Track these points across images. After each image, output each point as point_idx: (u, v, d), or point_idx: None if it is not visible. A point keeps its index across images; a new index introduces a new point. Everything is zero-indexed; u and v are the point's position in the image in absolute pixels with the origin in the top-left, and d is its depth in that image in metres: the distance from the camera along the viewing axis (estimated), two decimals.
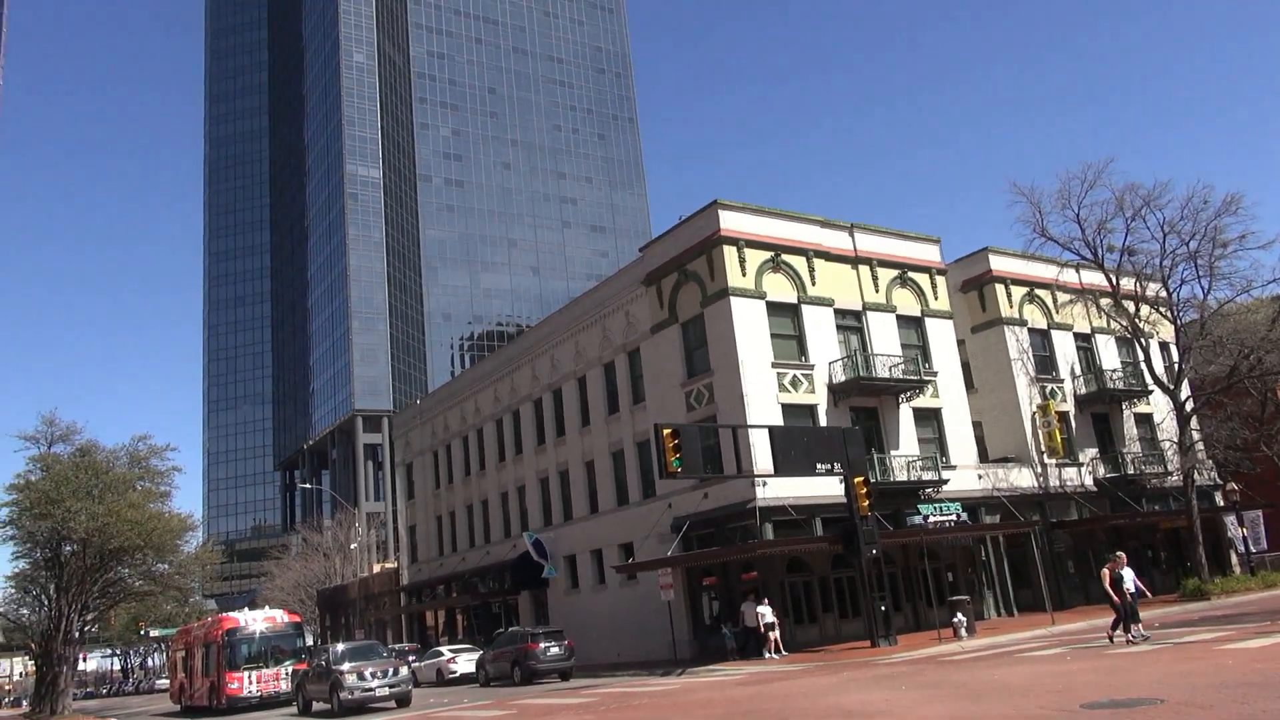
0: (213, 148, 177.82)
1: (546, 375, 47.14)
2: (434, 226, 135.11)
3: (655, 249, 39.80)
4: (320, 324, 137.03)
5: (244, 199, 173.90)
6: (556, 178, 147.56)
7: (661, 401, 38.02)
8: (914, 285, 40.68)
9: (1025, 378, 43.72)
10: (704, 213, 36.65)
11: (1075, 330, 46.77)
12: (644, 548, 37.85)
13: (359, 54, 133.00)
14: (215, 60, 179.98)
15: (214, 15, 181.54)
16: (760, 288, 35.82)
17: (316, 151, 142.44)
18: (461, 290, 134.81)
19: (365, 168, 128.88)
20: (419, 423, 61.46)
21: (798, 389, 35.45)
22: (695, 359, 36.87)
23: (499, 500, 51.15)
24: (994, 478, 40.37)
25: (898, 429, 37.56)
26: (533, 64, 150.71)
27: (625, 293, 41.29)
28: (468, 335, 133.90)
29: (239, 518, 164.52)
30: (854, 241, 39.41)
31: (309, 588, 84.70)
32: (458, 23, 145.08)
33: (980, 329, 44.96)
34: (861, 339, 38.08)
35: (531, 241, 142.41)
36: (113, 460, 61.01)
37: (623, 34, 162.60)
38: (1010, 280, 45.20)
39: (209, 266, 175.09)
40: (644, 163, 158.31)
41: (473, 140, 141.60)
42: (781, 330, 36.11)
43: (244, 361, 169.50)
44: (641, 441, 39.34)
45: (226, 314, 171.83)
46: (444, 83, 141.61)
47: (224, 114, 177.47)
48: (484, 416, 52.99)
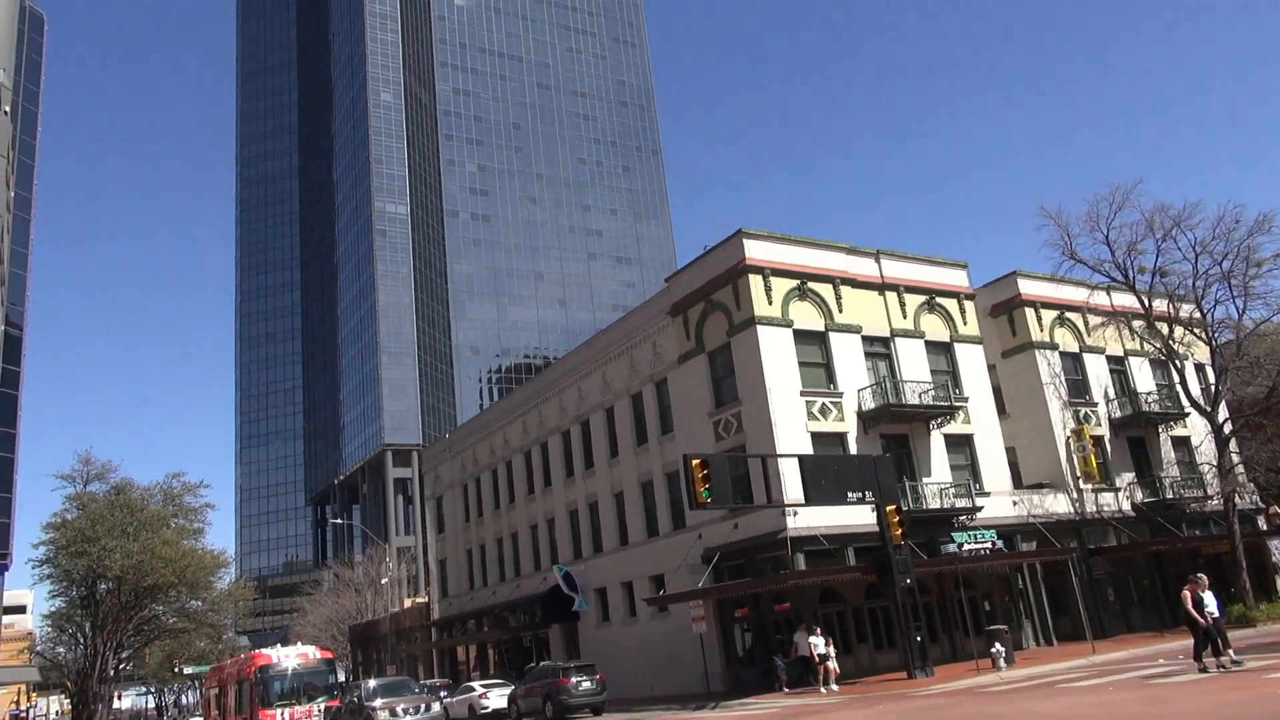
0: (244, 188, 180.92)
1: (574, 407, 47.16)
2: (461, 261, 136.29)
3: (681, 279, 39.86)
4: (350, 359, 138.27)
5: (275, 237, 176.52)
6: (581, 210, 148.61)
7: (690, 431, 37.89)
8: (942, 311, 40.40)
9: (1058, 402, 43.15)
10: (729, 242, 36.69)
11: (1108, 353, 46.18)
12: (675, 579, 37.57)
13: (386, 93, 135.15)
14: (246, 103, 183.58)
15: (245, 59, 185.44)
16: (787, 316, 35.72)
17: (345, 189, 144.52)
18: (489, 323, 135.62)
19: (393, 204, 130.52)
20: (448, 456, 61.64)
21: (827, 417, 35.21)
22: (723, 388, 36.75)
23: (528, 533, 51.06)
24: (1029, 504, 39.76)
25: (929, 456, 37.15)
26: (557, 99, 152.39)
27: (651, 323, 41.32)
28: (495, 368, 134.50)
29: (271, 553, 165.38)
30: (880, 268, 39.26)
31: (341, 623, 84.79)
32: (482, 60, 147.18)
33: (1011, 353, 44.52)
34: (890, 366, 37.80)
35: (558, 274, 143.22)
36: (147, 498, 61.85)
37: (645, 67, 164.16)
38: (1040, 304, 44.78)
39: (241, 305, 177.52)
40: (668, 193, 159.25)
41: (498, 175, 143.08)
42: (809, 358, 35.93)
43: (275, 398, 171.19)
44: (670, 472, 39.18)
45: (258, 351, 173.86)
46: (469, 119, 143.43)
47: (255, 155, 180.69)
48: (512, 449, 53.05)
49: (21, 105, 65.56)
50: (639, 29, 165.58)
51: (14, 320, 61.74)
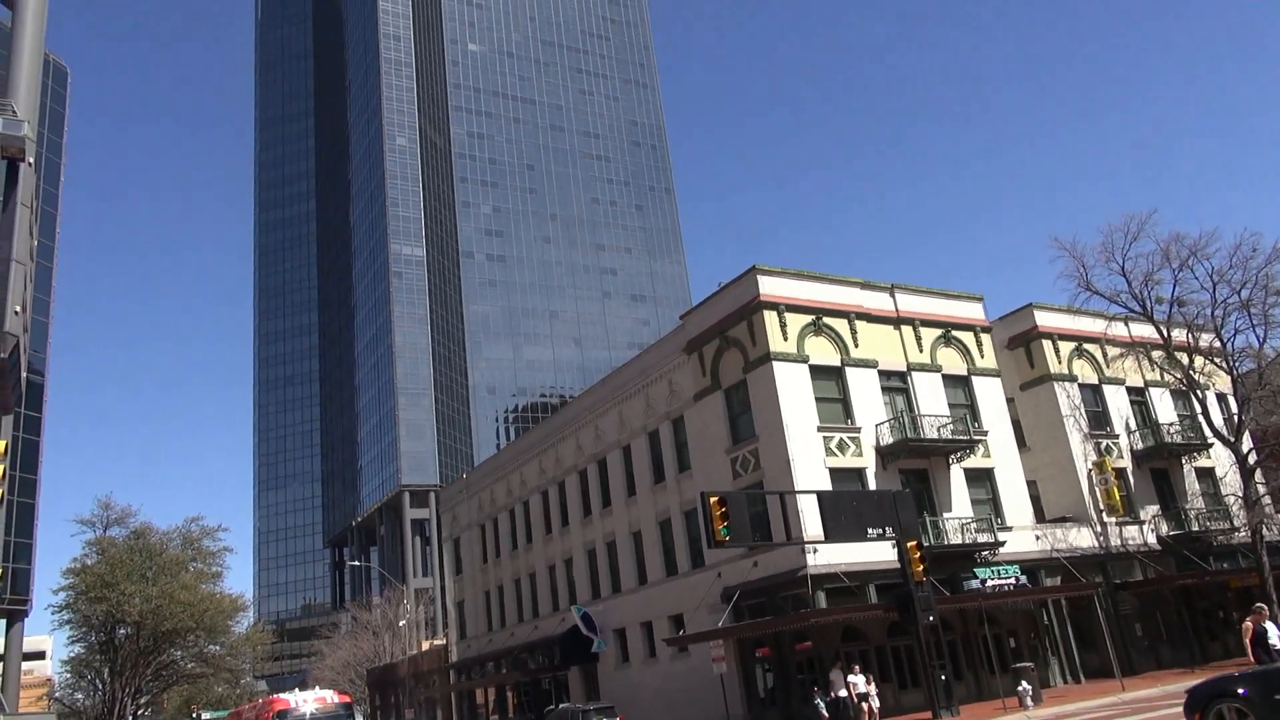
0: (263, 233, 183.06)
1: (591, 446, 47.07)
2: (477, 301, 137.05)
3: (696, 316, 39.91)
4: (367, 401, 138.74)
5: (293, 281, 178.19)
6: (596, 249, 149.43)
7: (707, 469, 37.71)
8: (959, 344, 40.24)
9: (1079, 434, 42.74)
10: (743, 279, 36.76)
11: (1128, 384, 45.81)
12: (694, 619, 37.19)
13: (401, 138, 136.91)
14: (264, 150, 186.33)
15: (263, 107, 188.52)
16: (803, 351, 35.66)
17: (362, 232, 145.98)
18: (505, 363, 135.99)
19: (409, 246, 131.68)
20: (465, 497, 61.53)
21: (845, 452, 34.98)
22: (740, 425, 36.62)
23: (546, 573, 50.75)
24: (1052, 538, 39.26)
25: (949, 490, 36.80)
26: (570, 140, 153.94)
27: (667, 361, 41.32)
28: (512, 408, 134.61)
29: (289, 596, 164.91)
30: (895, 302, 39.20)
31: (359, 667, 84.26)
32: (496, 104, 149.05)
33: (1029, 386, 44.22)
34: (908, 400, 37.60)
35: (573, 313, 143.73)
36: (166, 542, 62.02)
37: (657, 107, 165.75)
38: (1057, 336, 44.54)
39: (259, 348, 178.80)
40: (682, 231, 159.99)
41: (513, 216, 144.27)
42: (826, 393, 35.80)
43: (293, 440, 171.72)
44: (688, 510, 38.95)
45: (276, 394, 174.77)
46: (484, 161, 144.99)
47: (273, 201, 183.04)
48: (529, 489, 52.91)
49: (45, 156, 66.80)
50: (650, 70, 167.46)
51: (36, 367, 62.39)
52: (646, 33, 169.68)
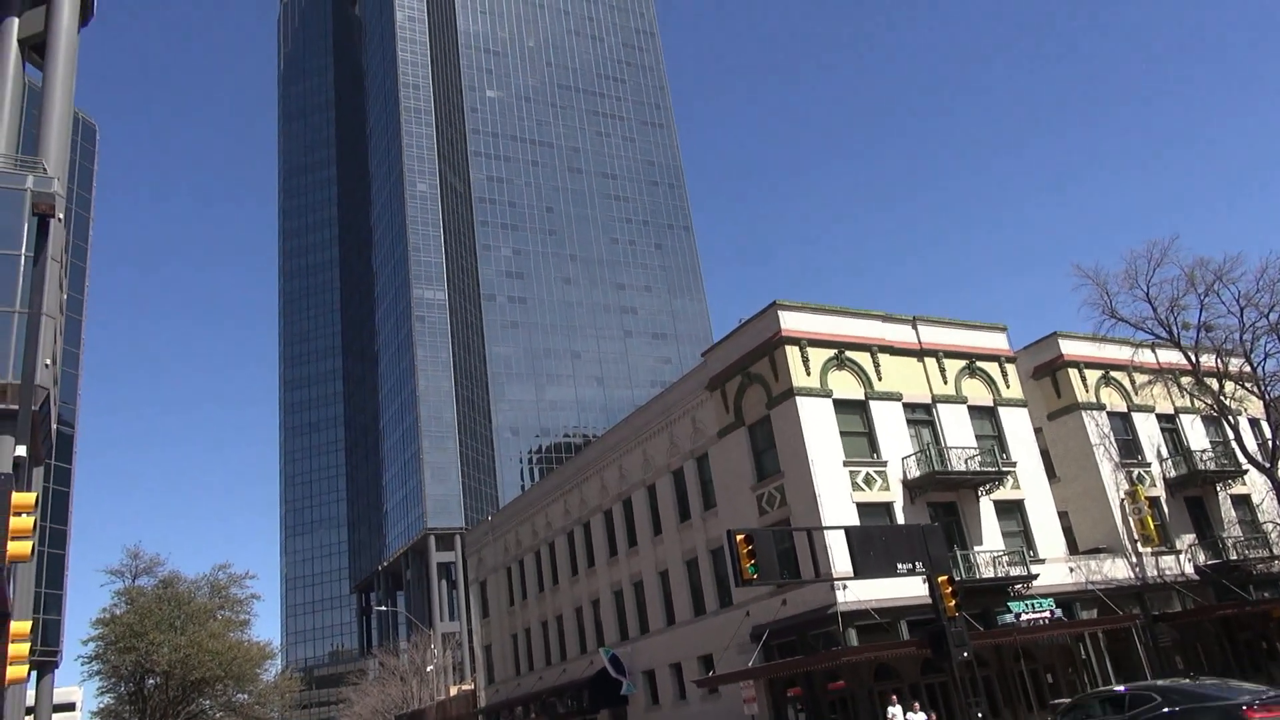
0: (287, 281, 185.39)
1: (615, 485, 46.90)
2: (499, 343, 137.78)
3: (717, 353, 39.89)
4: (391, 445, 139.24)
5: (317, 327, 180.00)
6: (616, 288, 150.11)
7: (733, 506, 37.45)
8: (983, 375, 39.94)
9: (1109, 463, 42.14)
10: (764, 314, 36.75)
11: (1158, 411, 45.20)
12: (724, 659, 36.73)
13: (422, 184, 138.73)
14: (288, 199, 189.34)
15: (286, 157, 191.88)
16: (826, 386, 35.50)
17: (384, 278, 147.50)
18: (528, 404, 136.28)
19: (431, 291, 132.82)
20: (490, 539, 61.37)
21: (872, 487, 34.66)
22: (765, 461, 36.40)
23: (573, 615, 50.37)
24: (1087, 570, 38.57)
25: (979, 523, 36.31)
26: (588, 181, 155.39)
27: (690, 398, 41.24)
28: (536, 449, 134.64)
29: (317, 643, 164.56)
30: (918, 334, 39.02)
31: (387, 713, 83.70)
32: (514, 148, 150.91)
33: (1057, 415, 43.73)
34: (934, 432, 37.27)
35: (594, 352, 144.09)
36: (194, 591, 62.17)
37: (673, 146, 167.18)
38: (1083, 364, 44.10)
39: (284, 395, 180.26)
40: (702, 268, 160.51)
41: (533, 258, 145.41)
42: (850, 427, 35.56)
43: (319, 486, 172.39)
44: (715, 548, 38.64)
45: (302, 440, 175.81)
46: (503, 205, 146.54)
47: (297, 248, 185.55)
48: (555, 530, 52.72)
49: (74, 211, 68.14)
50: (666, 111, 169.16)
51: (65, 418, 63.12)
52: (661, 75, 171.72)
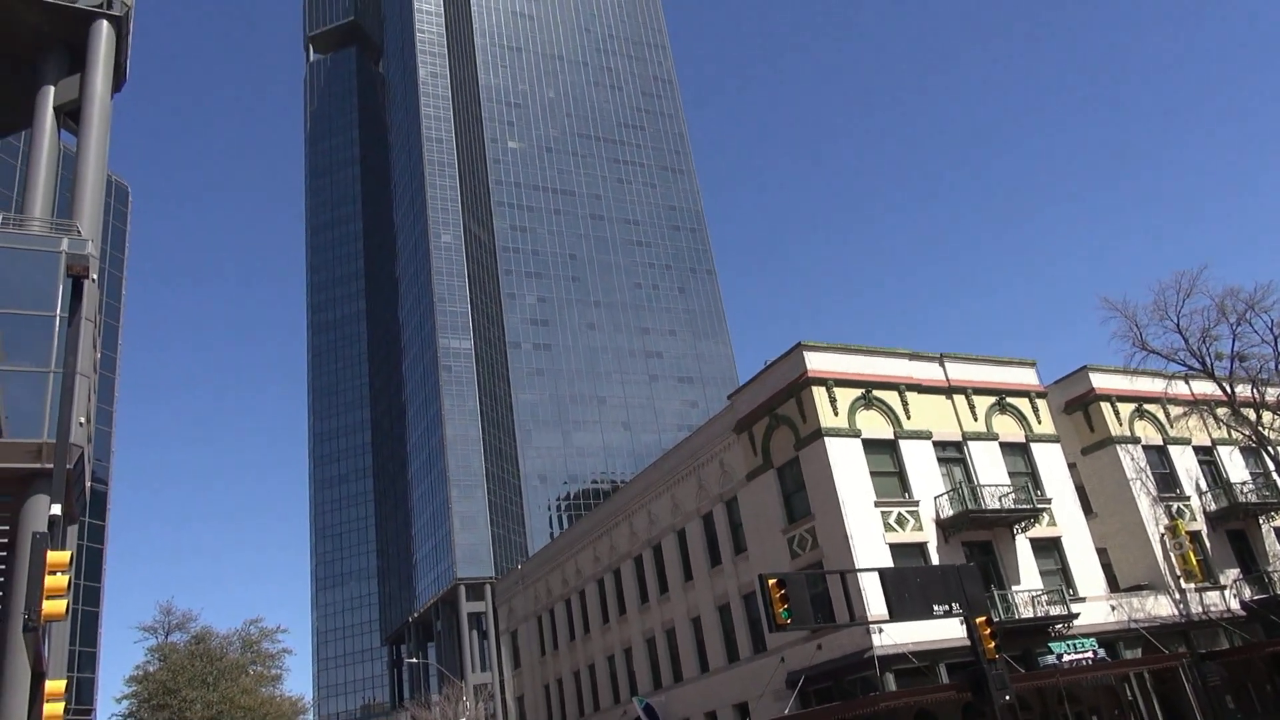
0: (315, 334, 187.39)
1: (645, 531, 46.58)
2: (525, 390, 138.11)
3: (744, 395, 39.74)
4: (420, 495, 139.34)
5: (345, 379, 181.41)
6: (641, 333, 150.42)
7: (763, 550, 37.04)
8: (1014, 411, 39.49)
9: (1147, 498, 41.36)
10: (789, 356, 36.64)
11: (1194, 444, 44.42)
12: (759, 707, 36.09)
13: (446, 235, 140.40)
14: (315, 254, 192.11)
15: (313, 212, 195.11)
16: (854, 426, 35.22)
17: (411, 328, 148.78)
18: (555, 451, 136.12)
19: (457, 340, 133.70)
20: (520, 588, 60.99)
21: (904, 527, 34.19)
22: (794, 503, 36.05)
23: (606, 664, 49.77)
24: (1129, 608, 37.69)
25: (1016, 562, 35.67)
26: (610, 228, 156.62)
27: (717, 441, 41.04)
28: (564, 495, 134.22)
29: (348, 697, 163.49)
30: (945, 371, 38.73)
31: None
32: (537, 197, 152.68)
33: (1091, 450, 43.07)
34: (966, 470, 36.81)
35: (620, 397, 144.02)
36: (226, 646, 62.15)
37: (694, 191, 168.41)
38: (1116, 397, 43.52)
39: (313, 447, 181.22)
40: (725, 311, 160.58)
41: (557, 305, 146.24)
42: (881, 467, 35.20)
43: (349, 538, 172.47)
44: (747, 593, 38.17)
45: (331, 492, 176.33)
46: (527, 253, 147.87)
47: (325, 302, 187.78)
48: (585, 577, 52.33)
49: (107, 270, 69.52)
50: (686, 156, 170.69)
51: (99, 475, 63.79)
52: (680, 122, 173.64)
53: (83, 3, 35.68)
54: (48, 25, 35.79)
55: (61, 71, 36.08)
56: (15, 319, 28.88)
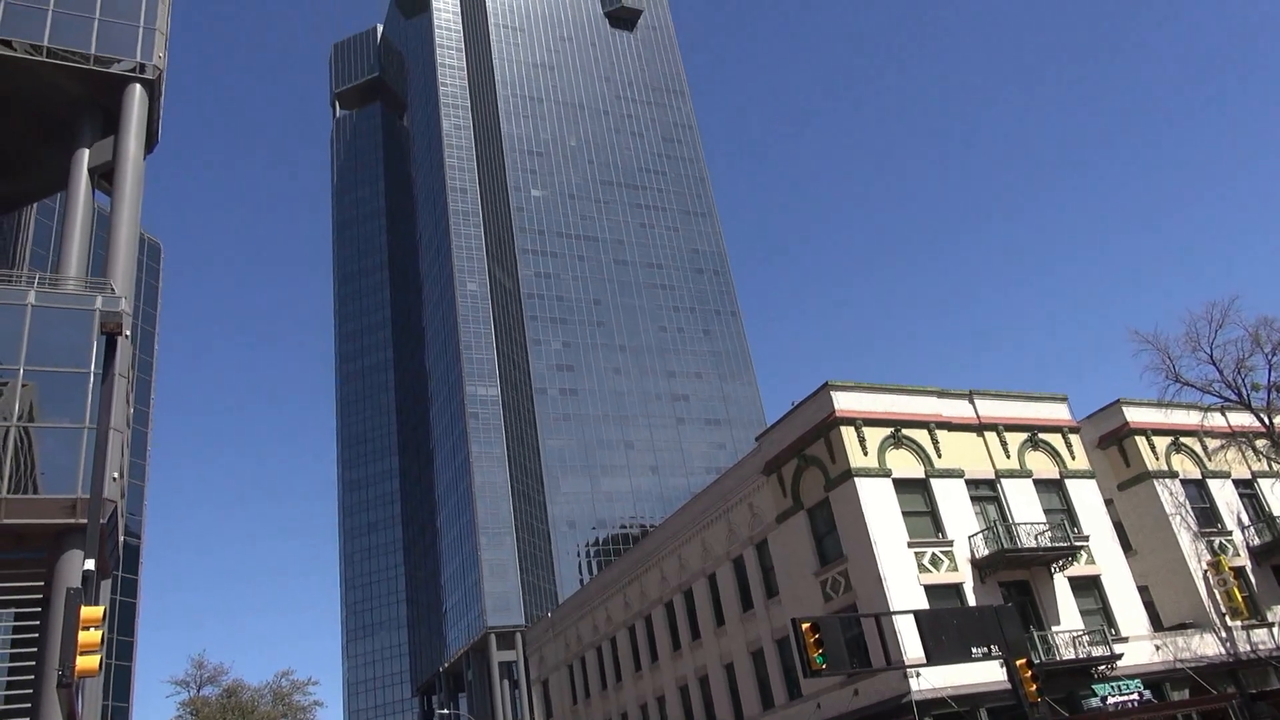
0: (344, 384, 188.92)
1: (675, 576, 46.14)
2: (552, 436, 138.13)
3: (772, 437, 39.49)
4: (449, 543, 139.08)
5: (373, 428, 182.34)
6: (666, 376, 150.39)
7: (796, 593, 36.55)
8: (1047, 447, 38.96)
9: (1188, 533, 40.49)
10: (817, 396, 36.44)
11: (1234, 476, 43.54)
12: None
13: (472, 283, 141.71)
14: (343, 304, 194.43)
15: (340, 264, 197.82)
16: (884, 465, 34.86)
17: (438, 376, 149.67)
18: (583, 496, 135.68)
19: (484, 387, 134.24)
20: (551, 636, 60.47)
21: (939, 567, 33.64)
22: (826, 545, 35.62)
23: (639, 713, 49.04)
24: (1174, 648, 36.73)
25: (1055, 602, 34.95)
26: (634, 272, 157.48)
27: (746, 484, 40.73)
28: (593, 541, 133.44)
29: None
30: (975, 409, 38.34)
31: None
32: (560, 243, 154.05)
33: (1128, 485, 42.32)
34: (1000, 508, 36.27)
35: (648, 441, 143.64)
36: (258, 699, 61.99)
37: (717, 234, 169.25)
38: (1151, 431, 42.84)
39: (343, 497, 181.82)
40: (751, 352, 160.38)
41: (583, 350, 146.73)
42: (913, 507, 34.75)
43: (379, 587, 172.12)
44: (780, 638, 37.60)
45: (360, 541, 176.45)
46: (552, 299, 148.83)
47: (353, 351, 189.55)
48: (615, 624, 51.81)
49: (140, 326, 70.66)
50: (707, 199, 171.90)
51: (132, 529, 64.26)
52: (701, 165, 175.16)
53: (117, 68, 36.73)
54: (84, 91, 36.87)
55: (96, 134, 37.06)
56: (51, 377, 29.36)
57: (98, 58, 36.23)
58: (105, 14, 37.01)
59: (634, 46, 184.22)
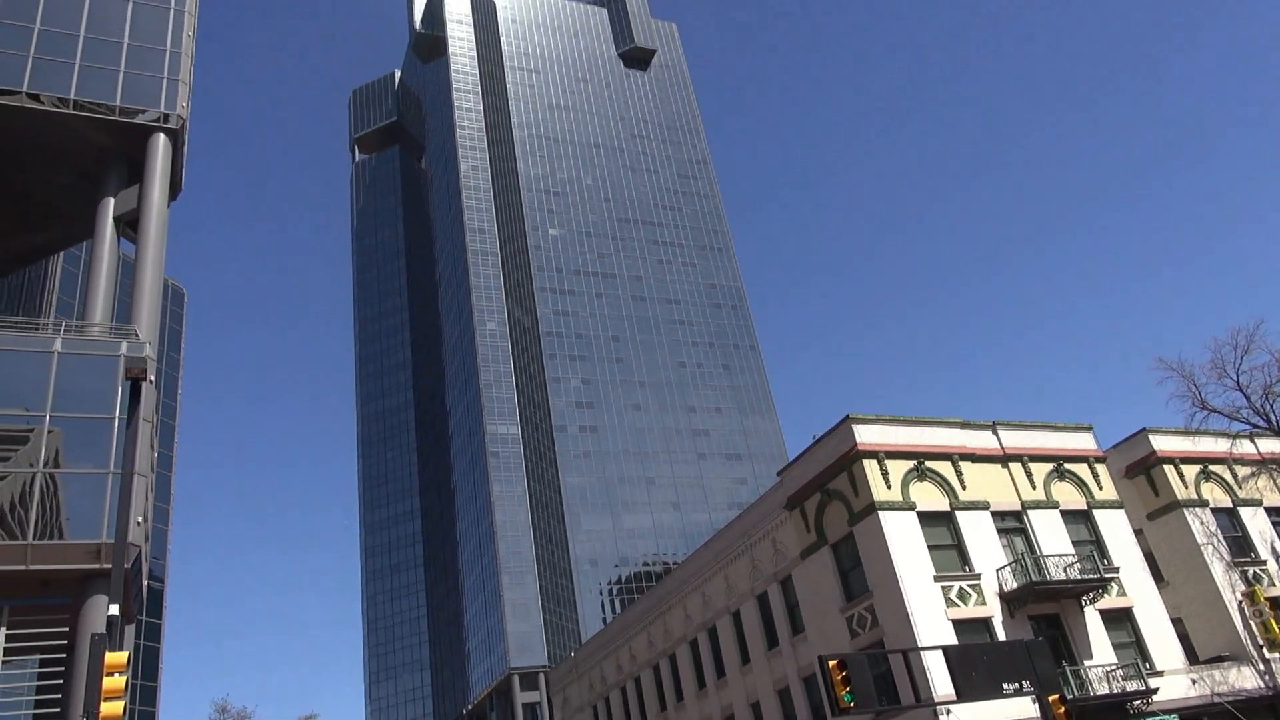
0: (365, 425, 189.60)
1: (699, 614, 45.69)
2: (573, 474, 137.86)
3: (794, 471, 39.23)
4: (471, 583, 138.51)
5: (394, 469, 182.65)
6: (686, 412, 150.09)
7: (821, 630, 36.09)
8: (1073, 477, 38.49)
9: (1220, 563, 39.77)
10: (838, 429, 36.22)
11: (1266, 504, 42.81)
12: None
13: (491, 322, 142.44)
14: (363, 346, 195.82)
15: (361, 306, 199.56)
16: (908, 499, 34.53)
17: (458, 416, 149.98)
18: (605, 534, 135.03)
19: (504, 426, 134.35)
20: (575, 677, 59.89)
21: (967, 602, 33.16)
22: (851, 580, 35.21)
23: None
24: (1211, 681, 35.92)
25: (1087, 635, 34.33)
26: (652, 308, 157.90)
27: (769, 519, 40.42)
28: (615, 579, 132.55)
29: None
30: (999, 440, 37.98)
31: None
32: (578, 281, 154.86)
33: (1157, 515, 41.69)
34: (1027, 540, 35.79)
35: (669, 477, 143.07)
36: None
37: (734, 269, 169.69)
38: (1179, 459, 42.26)
39: (365, 538, 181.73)
40: (771, 386, 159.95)
41: (602, 387, 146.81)
42: (938, 540, 34.35)
43: (401, 629, 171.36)
44: (807, 676, 37.08)
45: (383, 583, 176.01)
46: (570, 337, 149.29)
47: (373, 392, 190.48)
48: (640, 664, 51.28)
49: (164, 371, 71.34)
50: (724, 235, 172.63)
51: (156, 574, 64.43)
52: (717, 201, 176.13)
53: (142, 119, 37.45)
54: (109, 141, 37.59)
55: (121, 183, 37.70)
56: (76, 422, 29.64)
57: (123, 109, 36.96)
58: (130, 66, 37.82)
59: (648, 86, 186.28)
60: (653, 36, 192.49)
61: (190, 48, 40.19)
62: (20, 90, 35.35)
